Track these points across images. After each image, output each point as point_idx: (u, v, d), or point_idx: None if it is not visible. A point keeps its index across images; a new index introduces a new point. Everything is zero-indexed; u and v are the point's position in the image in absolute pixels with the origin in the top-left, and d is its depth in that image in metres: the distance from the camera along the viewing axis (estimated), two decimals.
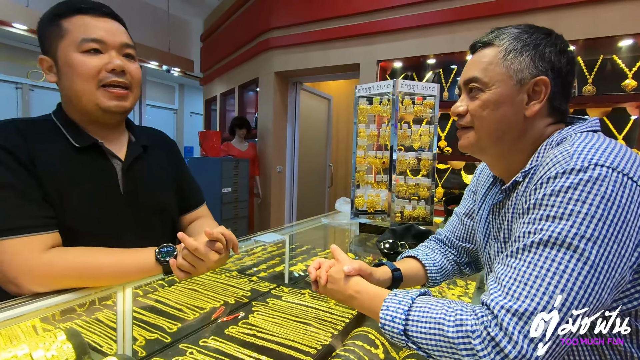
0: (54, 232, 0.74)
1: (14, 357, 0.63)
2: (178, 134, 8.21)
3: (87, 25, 0.78)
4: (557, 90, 0.63)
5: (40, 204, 0.73)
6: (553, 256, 0.49)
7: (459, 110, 0.69)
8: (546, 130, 0.65)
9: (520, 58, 0.62)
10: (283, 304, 1.08)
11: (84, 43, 0.77)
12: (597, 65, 2.54)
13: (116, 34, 0.81)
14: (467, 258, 0.91)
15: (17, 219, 0.70)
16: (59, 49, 0.78)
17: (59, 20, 0.78)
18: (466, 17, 2.83)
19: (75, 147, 0.80)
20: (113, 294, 0.81)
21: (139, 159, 0.91)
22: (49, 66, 0.81)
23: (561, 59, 0.63)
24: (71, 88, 0.79)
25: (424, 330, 0.56)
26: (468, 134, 0.69)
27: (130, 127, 0.95)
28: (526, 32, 0.64)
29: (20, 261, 0.68)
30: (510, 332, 0.47)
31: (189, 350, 0.82)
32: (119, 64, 0.80)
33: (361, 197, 1.74)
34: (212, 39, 5.81)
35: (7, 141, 0.73)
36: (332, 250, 0.78)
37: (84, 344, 0.71)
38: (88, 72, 0.77)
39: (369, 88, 1.67)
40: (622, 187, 0.49)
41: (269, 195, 4.21)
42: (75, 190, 0.78)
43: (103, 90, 0.80)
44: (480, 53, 0.67)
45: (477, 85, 0.65)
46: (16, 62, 5.38)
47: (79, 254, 0.73)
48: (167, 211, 0.97)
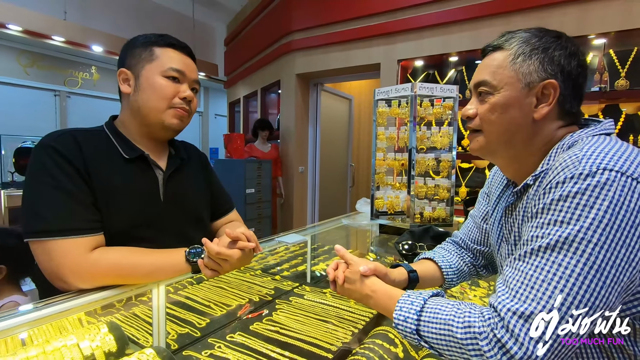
0: (99, 234, 0.82)
1: (64, 346, 0.71)
2: (203, 135, 8.45)
3: (174, 58, 0.93)
4: (568, 93, 0.63)
5: (91, 209, 0.81)
6: (560, 260, 0.50)
7: (469, 112, 0.69)
8: (557, 133, 0.64)
9: (529, 61, 0.63)
10: (305, 302, 1.12)
11: (169, 70, 0.91)
12: (630, 58, 2.42)
13: (192, 71, 0.96)
14: (483, 260, 0.91)
15: (70, 221, 0.77)
16: (145, 69, 0.90)
17: (153, 47, 0.92)
18: (490, 13, 2.76)
19: (124, 157, 0.90)
20: (148, 291, 0.87)
21: (178, 170, 1.00)
22: (127, 79, 0.92)
23: (571, 62, 0.62)
24: (146, 103, 0.91)
25: (434, 330, 0.58)
26: (478, 137, 0.70)
27: (170, 142, 1.05)
28: (536, 36, 0.64)
29: (69, 261, 0.75)
30: (517, 334, 0.49)
31: (217, 344, 0.88)
32: (190, 94, 0.94)
33: (381, 198, 1.76)
34: (235, 43, 5.94)
35: (66, 149, 0.81)
36: (337, 250, 0.81)
37: (123, 336, 0.78)
38: (167, 94, 0.91)
39: (388, 91, 1.68)
40: (630, 191, 0.48)
41: (292, 195, 4.28)
42: (122, 196, 0.86)
43: (172, 110, 0.92)
44: (490, 57, 0.68)
45: (486, 88, 0.66)
46: (54, 71, 5.72)
47: (120, 255, 0.80)
48: (200, 218, 1.05)
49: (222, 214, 1.15)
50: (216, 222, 1.14)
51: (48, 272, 0.77)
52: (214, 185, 1.15)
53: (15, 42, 5.05)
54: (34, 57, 5.40)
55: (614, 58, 2.47)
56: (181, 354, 0.84)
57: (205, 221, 1.08)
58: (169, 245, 0.87)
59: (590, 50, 2.59)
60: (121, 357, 0.71)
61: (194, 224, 1.02)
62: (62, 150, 0.80)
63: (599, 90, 2.47)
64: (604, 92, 2.46)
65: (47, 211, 0.76)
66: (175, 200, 0.97)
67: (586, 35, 2.48)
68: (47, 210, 0.76)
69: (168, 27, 6.21)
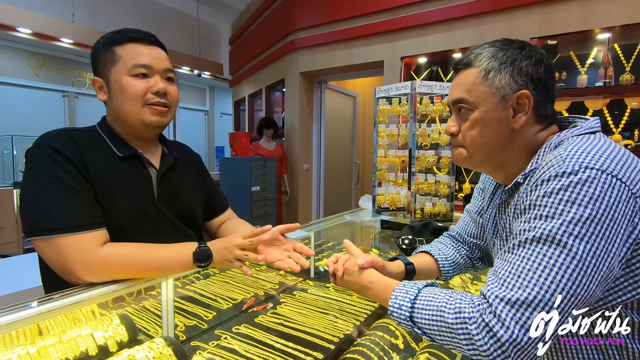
0: (104, 229, 0.84)
1: (79, 336, 0.75)
2: (209, 134, 8.51)
3: (138, 52, 0.89)
4: (540, 99, 0.66)
5: (94, 205, 0.83)
6: (544, 251, 0.53)
7: (452, 130, 0.73)
8: (538, 136, 0.68)
9: (500, 76, 0.65)
10: (308, 296, 1.15)
11: (134, 68, 0.88)
12: (635, 52, 2.40)
13: (161, 61, 0.92)
14: (479, 253, 0.94)
15: (78, 217, 0.79)
16: (111, 72, 0.88)
17: (113, 47, 0.89)
18: (493, 9, 2.76)
19: (118, 156, 0.91)
20: (157, 285, 0.91)
21: (171, 168, 1.01)
22: (101, 86, 0.91)
23: (538, 70, 0.65)
24: (121, 107, 0.90)
25: (427, 317, 0.61)
26: (459, 150, 0.73)
27: (163, 141, 1.06)
28: (501, 49, 0.67)
29: (80, 256, 0.78)
30: (503, 319, 0.52)
31: (224, 336, 0.91)
32: (162, 86, 0.91)
33: (382, 195, 1.78)
34: (240, 42, 5.98)
35: (64, 147, 0.82)
36: (345, 244, 0.84)
37: (135, 327, 0.82)
38: (137, 93, 0.88)
39: (388, 89, 1.70)
40: (610, 188, 0.52)
41: (297, 192, 4.31)
42: (119, 193, 0.88)
43: (147, 107, 0.90)
44: (462, 74, 0.70)
45: (465, 105, 0.69)
46: (63, 72, 5.81)
47: (130, 250, 0.83)
48: (193, 216, 1.06)
49: (219, 212, 1.17)
50: (213, 220, 1.16)
51: (58, 269, 0.79)
52: (209, 186, 1.16)
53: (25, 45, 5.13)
54: (43, 59, 5.49)
55: (619, 52, 2.45)
56: (189, 344, 0.88)
57: (199, 219, 1.10)
58: (167, 240, 0.89)
59: (595, 44, 2.57)
60: (132, 346, 0.74)
61: (187, 221, 1.03)
62: (61, 149, 0.81)
63: (604, 85, 2.46)
64: (609, 86, 2.44)
65: (53, 209, 0.77)
66: (169, 198, 0.98)
67: (591, 30, 2.47)
68: (54, 208, 0.77)
69: (173, 28, 6.28)
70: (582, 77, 2.57)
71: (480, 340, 0.53)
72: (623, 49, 2.44)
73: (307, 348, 0.87)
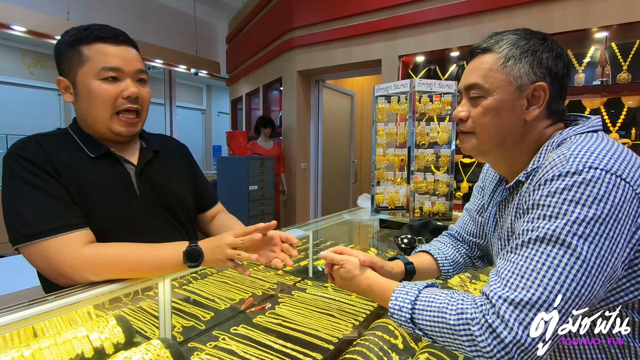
0: (87, 229, 0.82)
1: (75, 338, 0.74)
2: (206, 133, 8.48)
3: (106, 53, 0.83)
4: (555, 93, 0.65)
5: (71, 206, 0.81)
6: (548, 252, 0.52)
7: (461, 115, 0.71)
8: (546, 132, 0.67)
9: (520, 65, 0.64)
10: (307, 296, 1.14)
11: (103, 72, 0.83)
12: (633, 51, 2.41)
13: (132, 62, 0.87)
14: (478, 252, 0.93)
15: (56, 220, 0.78)
16: (78, 74, 0.84)
17: (79, 46, 0.83)
18: (491, 8, 2.76)
19: (90, 156, 0.88)
20: (154, 285, 0.90)
21: (150, 162, 0.98)
22: (66, 87, 0.87)
23: (558, 64, 0.64)
24: (88, 112, 0.86)
25: (428, 318, 0.60)
26: (471, 139, 0.71)
27: (141, 135, 1.02)
28: (524, 38, 0.66)
29: (65, 256, 0.76)
30: (507, 320, 0.51)
31: (221, 336, 0.90)
32: (134, 91, 0.86)
33: (381, 193, 1.78)
34: (237, 41, 5.95)
35: (32, 154, 0.80)
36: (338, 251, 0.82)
37: (131, 328, 0.81)
38: (106, 99, 0.84)
39: (387, 88, 1.70)
40: (614, 188, 0.51)
41: (294, 192, 4.30)
42: (97, 193, 0.86)
43: (116, 117, 0.86)
44: (479, 59, 0.69)
45: (478, 91, 0.67)
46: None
47: (117, 250, 0.81)
48: (183, 209, 1.03)
49: (209, 206, 1.16)
50: (205, 213, 1.15)
51: (47, 272, 0.78)
52: (199, 177, 1.14)
53: (19, 43, 5.10)
54: (37, 57, 5.45)
55: (616, 51, 2.46)
56: (187, 345, 0.87)
57: (190, 210, 1.07)
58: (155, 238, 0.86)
59: (592, 43, 2.58)
60: (129, 348, 0.73)
61: (178, 213, 1.00)
62: (28, 156, 0.80)
63: (601, 84, 2.47)
64: (606, 85, 2.45)
65: (31, 214, 0.76)
66: (153, 192, 0.95)
67: (588, 28, 2.47)
68: (31, 214, 0.76)
69: (170, 26, 6.24)
70: (580, 76, 2.58)
71: (483, 342, 0.53)
72: (620, 48, 2.45)
73: (306, 349, 0.86)
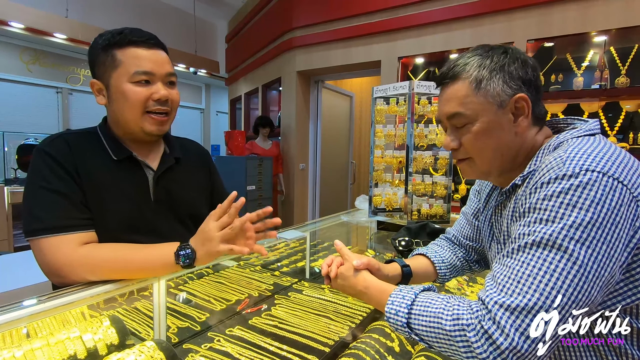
0: (90, 231, 0.84)
1: (67, 339, 0.73)
2: (205, 132, 8.46)
3: (139, 57, 0.87)
4: (534, 98, 0.65)
5: (81, 208, 0.84)
6: (545, 256, 0.52)
7: (452, 145, 0.71)
8: (536, 139, 0.67)
9: (493, 84, 0.64)
10: (304, 297, 1.14)
11: (136, 75, 0.86)
12: (631, 55, 2.42)
13: (163, 65, 0.90)
14: (475, 256, 0.93)
15: (60, 219, 0.81)
16: (112, 77, 0.87)
17: (113, 51, 0.86)
18: (491, 10, 2.76)
19: (113, 159, 0.91)
20: (149, 286, 0.89)
21: (170, 169, 1.00)
22: (100, 89, 0.90)
23: (527, 71, 0.65)
24: (121, 113, 0.89)
25: (424, 323, 0.60)
26: (471, 164, 0.71)
27: (167, 140, 1.04)
28: (487, 57, 0.66)
29: (60, 255, 0.79)
30: (503, 326, 0.51)
31: (217, 338, 0.89)
32: (164, 93, 0.90)
33: (379, 195, 1.77)
34: (236, 40, 5.94)
35: (57, 152, 0.84)
36: (337, 246, 0.83)
37: (125, 329, 0.80)
38: (138, 101, 0.87)
39: (386, 89, 1.69)
40: (611, 191, 0.51)
41: (292, 192, 4.29)
42: (112, 196, 0.88)
43: (147, 116, 0.90)
44: (451, 88, 0.68)
45: (462, 120, 0.67)
46: (56, 68, 5.74)
47: (110, 250, 0.83)
48: (195, 219, 1.03)
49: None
50: None
51: (44, 268, 0.81)
52: (216, 184, 1.15)
53: (18, 40, 5.06)
54: (36, 54, 5.41)
55: (615, 55, 2.47)
56: (181, 347, 0.86)
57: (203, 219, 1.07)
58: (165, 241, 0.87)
59: (591, 47, 2.59)
60: (122, 350, 0.73)
61: (189, 225, 1.01)
62: (53, 153, 0.84)
63: (599, 88, 2.47)
64: (604, 89, 2.46)
65: (40, 211, 0.80)
66: (168, 199, 0.97)
67: (587, 32, 2.48)
68: (40, 210, 0.80)
69: (169, 25, 6.22)
70: (578, 80, 2.58)
71: (479, 348, 0.52)
72: (619, 52, 2.46)
73: (302, 351, 0.85)
